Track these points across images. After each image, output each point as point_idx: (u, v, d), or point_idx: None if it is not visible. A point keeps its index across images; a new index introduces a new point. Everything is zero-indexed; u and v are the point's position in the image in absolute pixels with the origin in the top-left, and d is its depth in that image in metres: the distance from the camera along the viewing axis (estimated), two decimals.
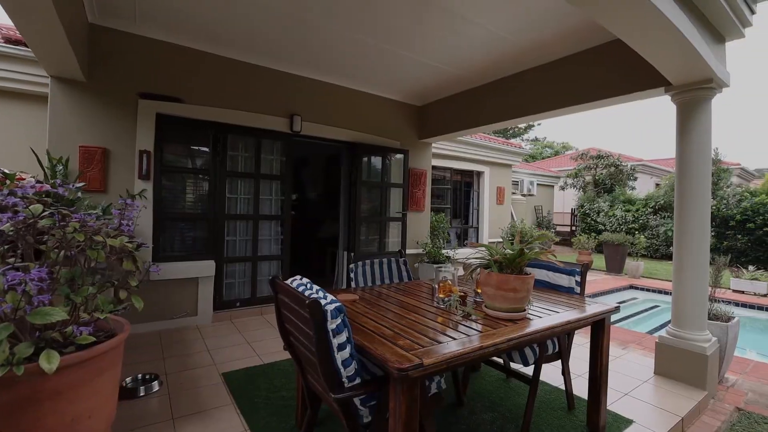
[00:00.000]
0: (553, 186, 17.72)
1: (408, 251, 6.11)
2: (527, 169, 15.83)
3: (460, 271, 2.65)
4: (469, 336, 1.79)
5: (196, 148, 4.44)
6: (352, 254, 5.49)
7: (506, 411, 2.65)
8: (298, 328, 1.76)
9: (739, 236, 10.55)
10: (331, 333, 1.53)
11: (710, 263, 3.34)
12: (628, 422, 2.51)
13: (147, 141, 4.02)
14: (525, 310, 2.10)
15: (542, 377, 3.00)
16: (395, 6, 3.30)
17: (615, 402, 2.77)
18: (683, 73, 3.05)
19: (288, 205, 4.94)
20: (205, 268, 4.26)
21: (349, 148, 5.63)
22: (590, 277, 8.69)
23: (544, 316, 2.14)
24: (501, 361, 2.88)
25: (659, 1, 2.15)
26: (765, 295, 7.07)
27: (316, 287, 1.78)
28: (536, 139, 33.74)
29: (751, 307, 6.64)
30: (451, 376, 2.74)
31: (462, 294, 2.34)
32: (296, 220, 8.90)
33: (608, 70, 3.80)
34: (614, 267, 9.25)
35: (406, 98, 6.04)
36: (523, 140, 30.70)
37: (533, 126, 30.60)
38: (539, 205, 16.33)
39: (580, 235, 10.57)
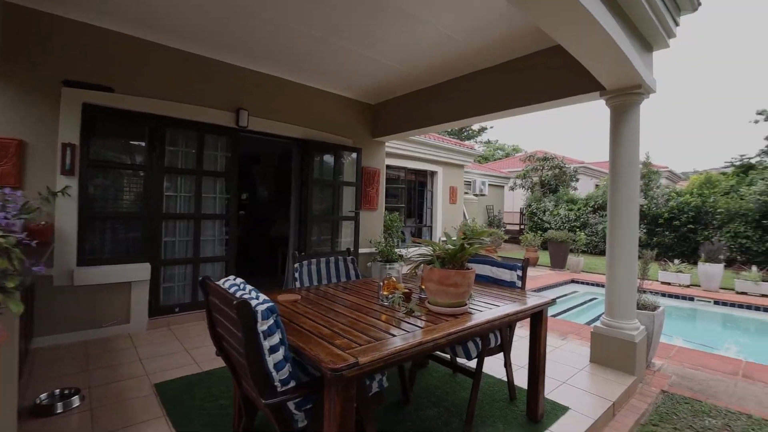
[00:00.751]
0: (503, 186, 18.44)
1: (361, 250, 6.07)
2: (479, 170, 16.36)
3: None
4: (409, 332, 1.77)
5: (130, 141, 4.11)
6: (303, 254, 5.34)
7: (452, 405, 2.67)
8: (229, 332, 1.65)
9: (667, 233, 11.53)
10: (261, 335, 1.44)
11: (639, 257, 3.59)
12: (565, 409, 2.62)
13: (71, 133, 3.67)
14: (466, 304, 2.12)
15: (487, 370, 3.07)
16: (347, 2, 3.24)
17: (554, 390, 2.89)
18: (616, 79, 3.24)
19: (234, 204, 4.71)
20: (139, 271, 3.94)
21: (300, 145, 5.48)
22: (536, 272, 9.12)
23: (485, 309, 2.17)
24: (448, 356, 2.90)
25: (593, 7, 2.25)
26: (688, 286, 7.77)
27: (249, 287, 1.68)
28: (489, 142, 34.99)
29: (677, 297, 7.27)
30: (397, 374, 2.73)
31: (407, 291, 2.33)
32: (247, 219, 8.63)
33: (551, 74, 3.97)
34: (558, 263, 9.76)
35: (359, 96, 5.99)
36: (476, 142, 31.70)
37: (486, 129, 31.70)
38: (491, 204, 16.92)
39: (527, 233, 11.06)
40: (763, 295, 6.93)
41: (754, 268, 7.46)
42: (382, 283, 2.37)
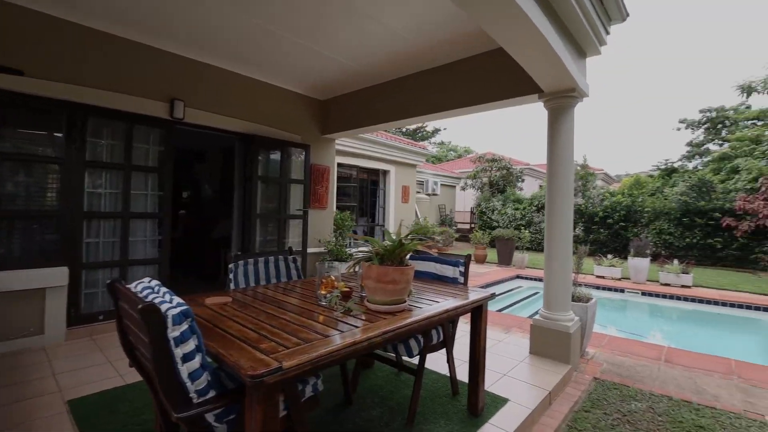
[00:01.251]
0: (455, 186, 18.91)
1: (310, 250, 5.91)
2: (432, 170, 16.65)
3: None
4: (345, 332, 1.69)
5: (45, 132, 3.68)
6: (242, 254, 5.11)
7: (395, 404, 2.63)
8: (139, 340, 1.49)
9: (602, 230, 12.39)
10: (172, 342, 1.30)
11: (573, 253, 3.77)
12: (504, 401, 2.67)
13: None
14: (405, 301, 2.08)
15: (431, 366, 3.08)
16: None
17: (495, 383, 2.94)
18: (551, 82, 3.37)
19: (167, 202, 4.36)
20: (55, 276, 3.54)
21: (244, 140, 5.23)
22: (483, 269, 9.41)
23: (424, 306, 2.15)
24: (393, 355, 2.86)
25: (527, 7, 2.30)
26: (620, 279, 8.36)
27: (164, 290, 1.53)
28: (442, 143, 35.80)
29: (610, 289, 7.79)
30: (340, 376, 2.64)
31: (347, 290, 2.25)
32: (189, 219, 8.13)
33: (494, 76, 4.07)
34: (504, 260, 10.13)
35: (308, 91, 5.82)
36: (430, 143, 32.32)
37: (440, 130, 32.39)
38: (443, 204, 17.27)
39: (477, 231, 11.39)
40: (683, 286, 7.61)
41: (675, 261, 8.18)
42: (320, 282, 2.27)
